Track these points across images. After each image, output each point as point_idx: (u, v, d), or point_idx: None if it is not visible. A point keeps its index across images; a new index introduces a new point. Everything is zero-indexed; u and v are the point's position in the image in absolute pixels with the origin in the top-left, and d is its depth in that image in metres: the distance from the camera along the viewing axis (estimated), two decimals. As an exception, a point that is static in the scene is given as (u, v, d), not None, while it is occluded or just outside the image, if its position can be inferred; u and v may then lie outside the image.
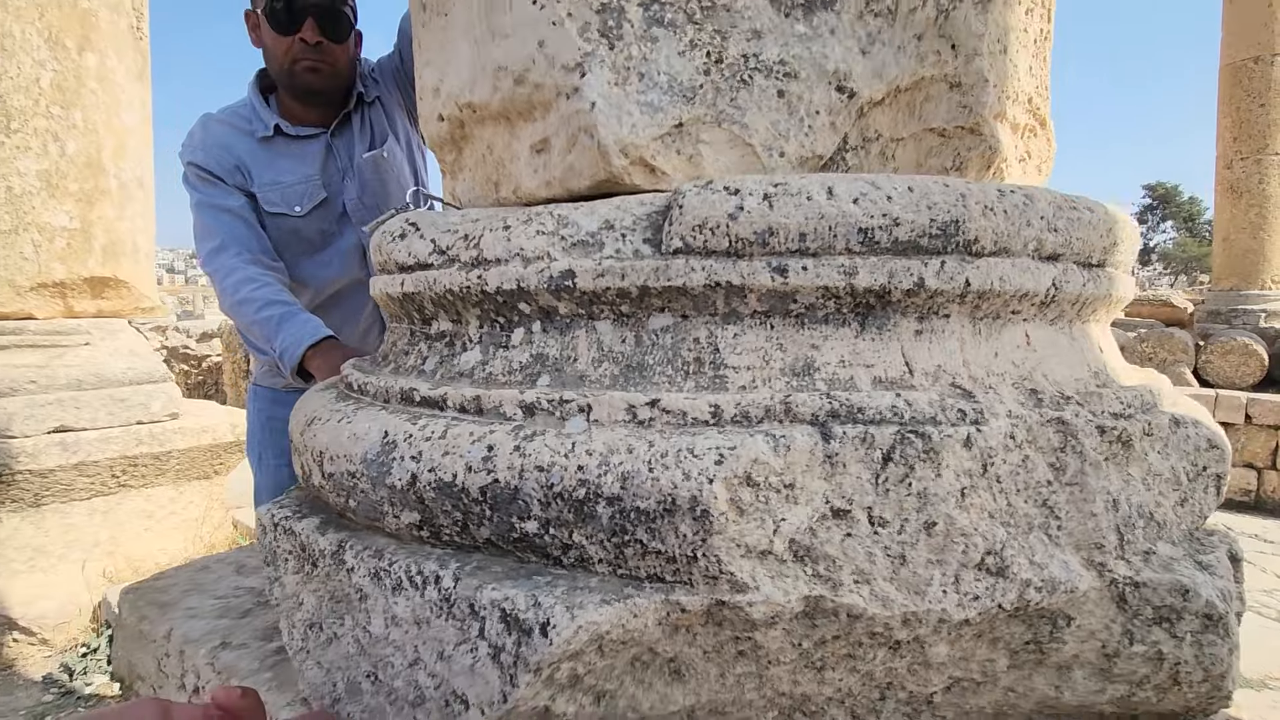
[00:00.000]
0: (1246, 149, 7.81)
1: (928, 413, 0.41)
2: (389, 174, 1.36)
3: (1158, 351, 6.76)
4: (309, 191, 1.29)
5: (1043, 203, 0.46)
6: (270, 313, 1.17)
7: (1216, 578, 0.43)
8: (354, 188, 1.33)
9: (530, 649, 0.36)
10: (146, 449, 2.43)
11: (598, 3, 0.50)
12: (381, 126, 1.38)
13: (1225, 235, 8.17)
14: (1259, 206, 7.78)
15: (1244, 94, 7.81)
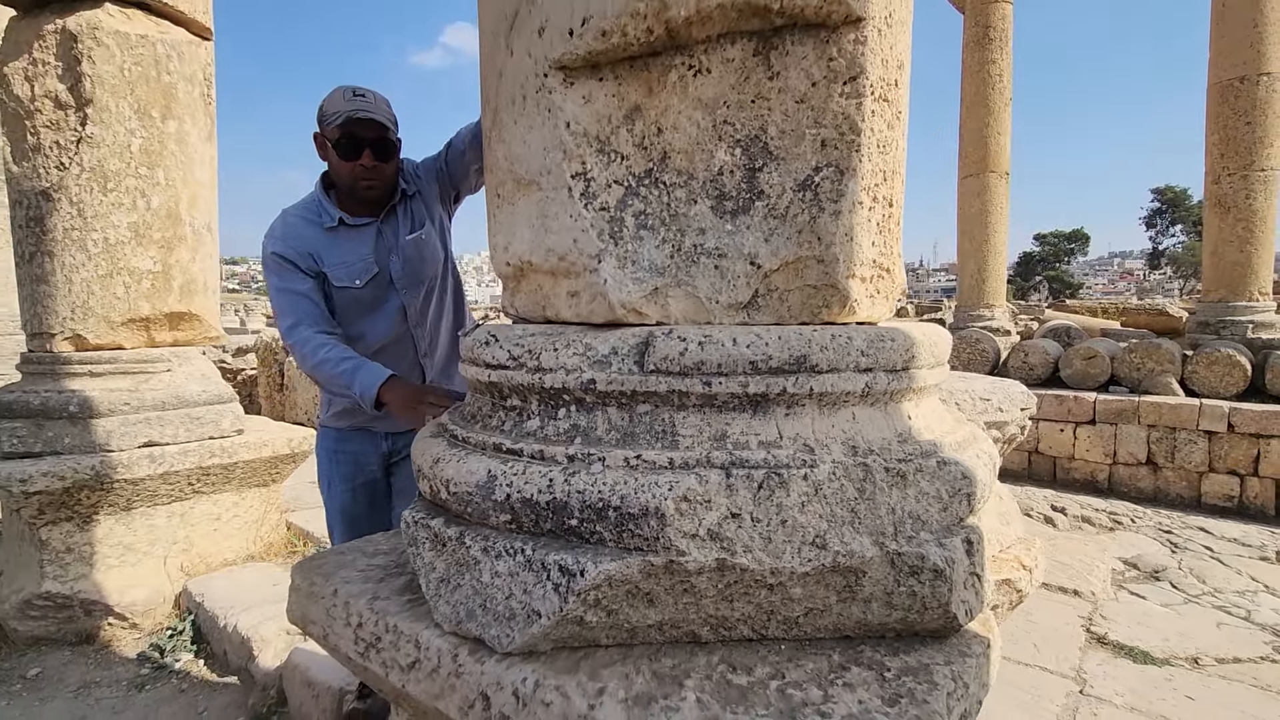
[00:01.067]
0: (1234, 165, 8.07)
1: (784, 460, 0.77)
2: (425, 250, 1.76)
3: (1145, 362, 7.05)
4: (366, 268, 1.67)
5: (860, 339, 0.83)
6: (344, 366, 1.52)
7: (946, 551, 0.78)
8: (398, 262, 1.71)
9: (575, 584, 0.73)
10: (217, 460, 2.81)
11: (608, 217, 0.87)
12: (421, 214, 1.76)
13: (1214, 249, 8.43)
14: (1246, 221, 8.03)
15: (1231, 112, 8.07)
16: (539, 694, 0.72)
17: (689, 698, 0.70)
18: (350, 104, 1.54)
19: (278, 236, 1.64)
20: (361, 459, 1.82)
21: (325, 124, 1.56)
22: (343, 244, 1.66)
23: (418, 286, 1.74)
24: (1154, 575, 4.63)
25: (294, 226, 1.65)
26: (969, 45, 9.93)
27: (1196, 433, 6.49)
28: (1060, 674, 1.95)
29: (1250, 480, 6.21)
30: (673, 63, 0.87)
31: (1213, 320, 8.03)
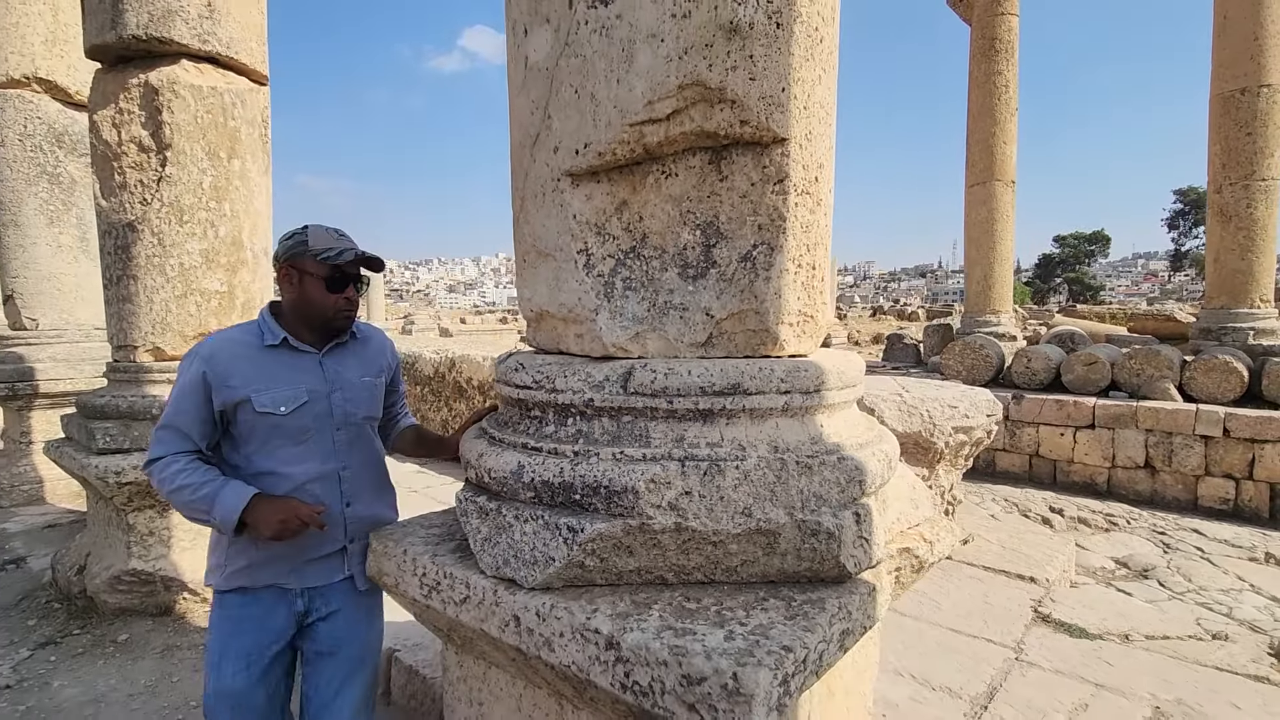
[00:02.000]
0: (1235, 175, 8.23)
1: (724, 455, 1.12)
2: (374, 396, 1.70)
3: (1144, 368, 7.25)
4: (295, 395, 1.53)
5: (780, 370, 1.17)
6: (205, 491, 1.42)
7: (838, 520, 1.12)
8: (341, 398, 1.61)
9: (577, 538, 1.08)
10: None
11: (603, 282, 1.22)
12: (376, 363, 1.72)
13: (1216, 256, 8.59)
14: (1247, 230, 8.19)
15: (1232, 123, 8.24)
16: (554, 612, 1.08)
17: (654, 614, 1.05)
18: (343, 241, 1.55)
19: (209, 344, 1.54)
20: (270, 625, 1.55)
21: (312, 258, 1.52)
22: (277, 367, 1.55)
23: (353, 427, 1.63)
24: (1143, 574, 4.89)
25: (225, 343, 1.54)
26: (975, 57, 10.16)
27: (1193, 437, 6.68)
28: (1002, 644, 2.26)
29: (1245, 484, 6.39)
30: (651, 169, 1.22)
31: (1214, 327, 8.20)
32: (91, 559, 3.08)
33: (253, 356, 1.54)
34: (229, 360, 1.51)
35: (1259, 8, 7.84)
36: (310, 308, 1.56)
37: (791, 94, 1.20)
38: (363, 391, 1.66)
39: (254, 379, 1.51)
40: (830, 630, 1.04)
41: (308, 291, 1.55)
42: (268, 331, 1.57)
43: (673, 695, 0.93)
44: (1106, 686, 2.02)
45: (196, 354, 1.52)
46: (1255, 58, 7.93)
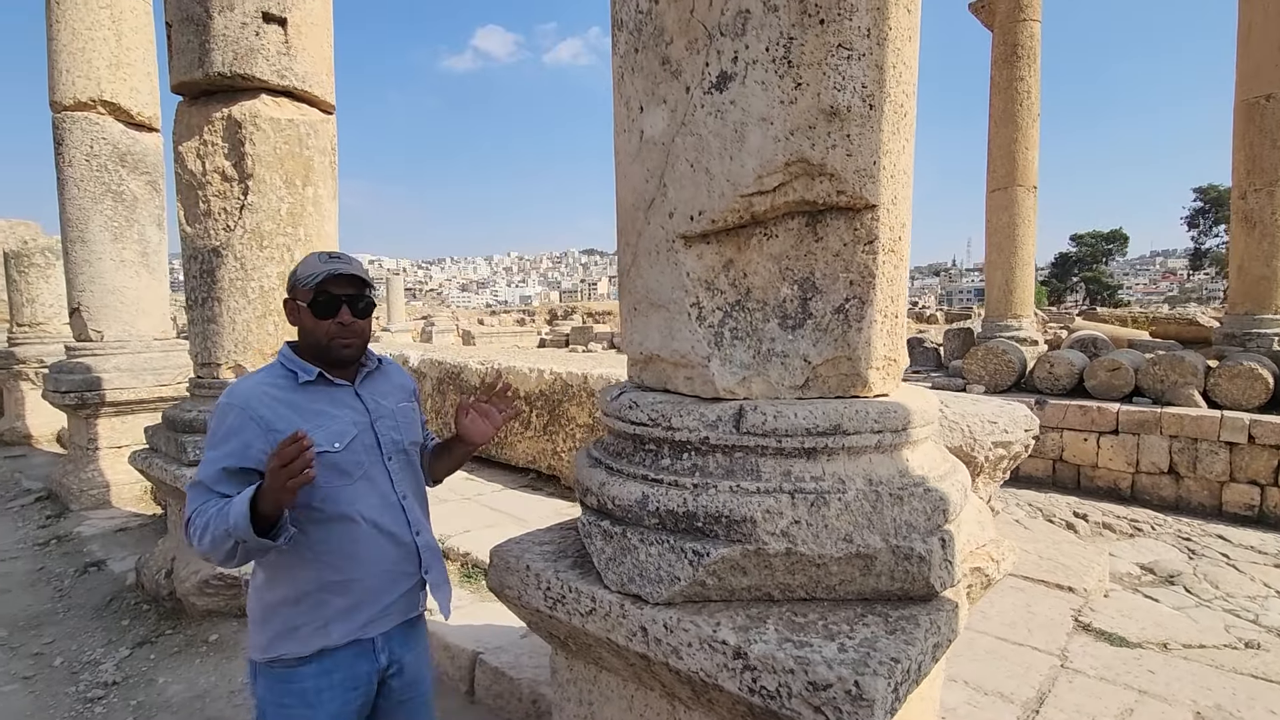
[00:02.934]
0: (1259, 181, 8.27)
1: (827, 488, 1.27)
2: (413, 419, 1.68)
3: (1168, 374, 7.31)
4: (343, 430, 1.48)
5: (874, 411, 1.33)
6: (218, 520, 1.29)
7: (927, 545, 1.27)
8: (388, 426, 1.58)
9: (702, 560, 1.25)
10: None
11: (713, 332, 1.38)
12: (404, 387, 1.70)
13: (1240, 263, 8.63)
14: (1271, 237, 8.23)
15: (1256, 130, 8.27)
16: (681, 624, 1.24)
17: (770, 628, 1.21)
18: (328, 264, 1.49)
19: (238, 395, 1.45)
20: (353, 691, 1.47)
21: (300, 286, 1.49)
22: (318, 403, 1.48)
23: (401, 454, 1.60)
24: (1168, 580, 4.99)
25: (258, 387, 1.46)
26: (997, 63, 10.23)
27: (1218, 444, 6.74)
28: (1048, 652, 2.40)
29: (1270, 490, 6.44)
30: (754, 231, 1.38)
31: (1238, 333, 8.25)
32: (178, 563, 3.28)
33: (291, 399, 1.46)
34: (269, 404, 1.43)
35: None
36: (309, 337, 1.51)
37: (881, 165, 1.35)
38: (403, 418, 1.63)
39: (300, 420, 1.43)
40: (926, 643, 1.20)
41: (304, 321, 1.50)
42: (299, 370, 1.50)
43: (800, 699, 1.09)
44: (1149, 693, 2.16)
45: (230, 404, 1.43)
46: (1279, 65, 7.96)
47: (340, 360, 1.52)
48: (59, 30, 4.85)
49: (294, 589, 1.44)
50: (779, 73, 1.28)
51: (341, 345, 1.50)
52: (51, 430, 7.22)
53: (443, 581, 1.63)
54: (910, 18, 1.39)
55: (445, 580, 1.64)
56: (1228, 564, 5.41)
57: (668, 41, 1.37)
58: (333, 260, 1.51)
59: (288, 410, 1.44)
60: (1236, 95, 8.32)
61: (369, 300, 1.55)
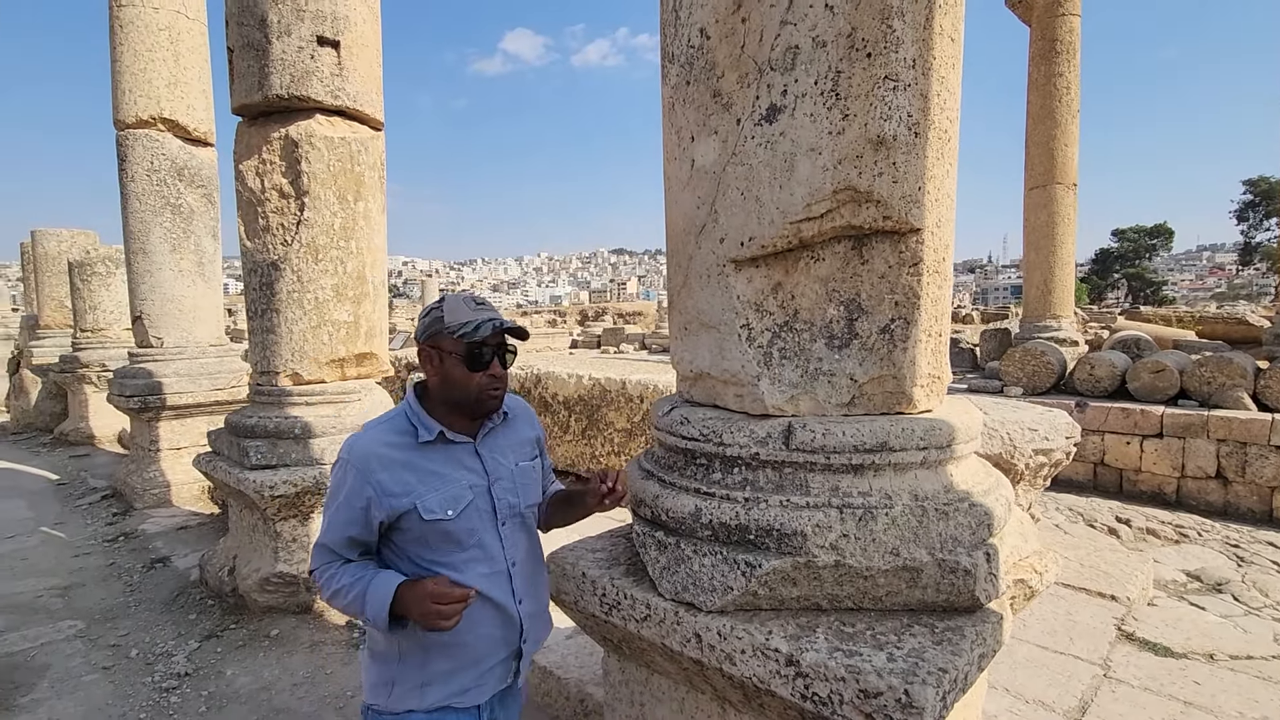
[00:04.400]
0: (1315, 176, 7.94)
1: (874, 504, 1.33)
2: (533, 479, 1.57)
3: (1215, 376, 7.13)
4: (458, 495, 1.41)
5: (919, 429, 1.38)
6: (354, 593, 1.34)
7: (972, 559, 1.32)
8: (505, 488, 1.49)
9: (755, 572, 1.31)
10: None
11: (763, 352, 1.45)
12: (527, 439, 1.60)
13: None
14: (1326, 233, 7.90)
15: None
16: (734, 632, 1.31)
17: (820, 637, 1.27)
18: (481, 312, 1.43)
19: (357, 453, 1.40)
20: None
21: (449, 335, 1.40)
22: (437, 465, 1.43)
23: (518, 518, 1.52)
24: (1216, 588, 4.88)
25: (377, 446, 1.41)
26: (1035, 59, 10.04)
27: (1268, 448, 6.56)
28: (1090, 661, 2.40)
29: (1326, 495, 6.25)
30: (801, 255, 1.44)
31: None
32: (239, 561, 3.46)
33: (410, 460, 1.41)
34: (387, 467, 1.38)
35: (1341, 4, 7.60)
36: (454, 389, 1.43)
37: (926, 190, 1.40)
38: (522, 478, 1.54)
39: (416, 484, 1.39)
40: (972, 654, 1.25)
41: (449, 372, 1.42)
42: (421, 427, 1.43)
43: (851, 705, 1.15)
44: (1194, 704, 2.16)
45: (349, 463, 1.40)
46: (1337, 55, 7.67)
47: (485, 412, 1.48)
48: (122, 52, 5.10)
49: (399, 644, 1.42)
50: (827, 105, 1.34)
51: (490, 396, 1.45)
52: (113, 431, 7.56)
53: (529, 658, 1.56)
54: (954, 46, 1.43)
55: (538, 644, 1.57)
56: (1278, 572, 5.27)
57: (719, 75, 1.44)
58: (481, 308, 1.44)
59: (405, 473, 1.39)
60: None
61: (513, 350, 1.49)
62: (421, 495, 1.38)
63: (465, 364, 1.41)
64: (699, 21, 1.47)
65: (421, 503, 1.38)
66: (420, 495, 1.38)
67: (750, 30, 1.39)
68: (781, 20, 1.35)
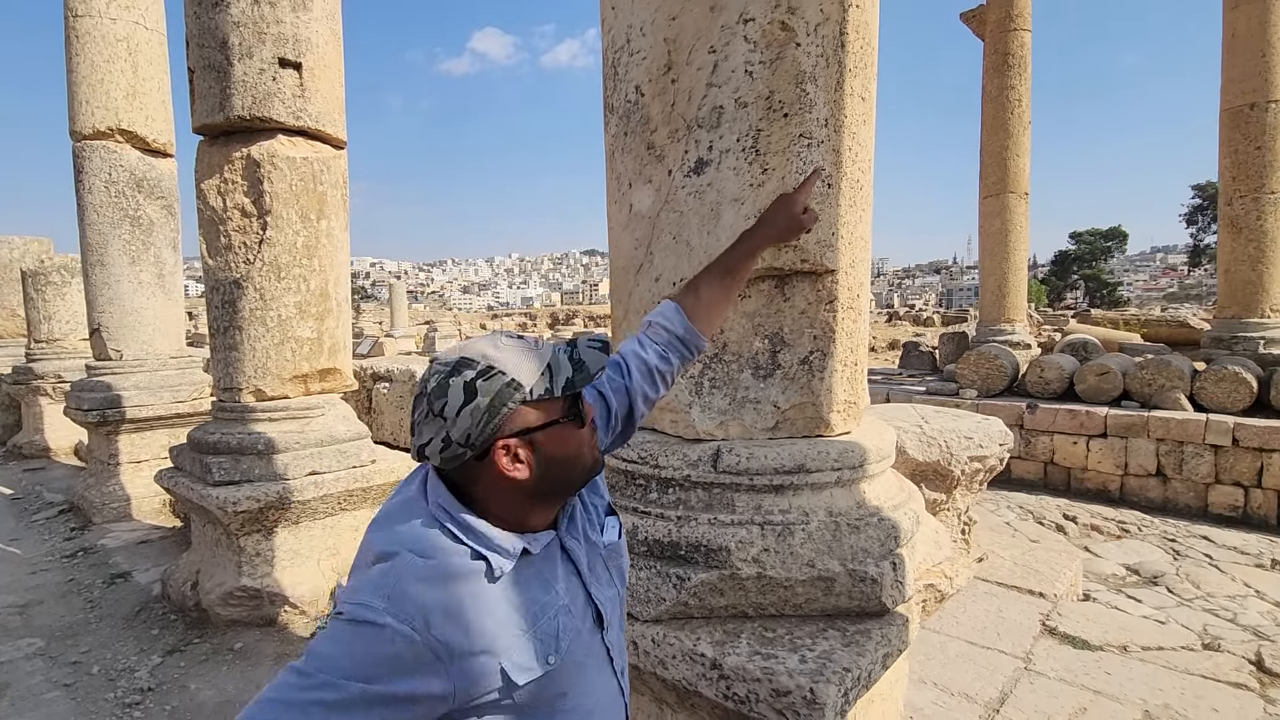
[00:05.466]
0: (1245, 188, 8.44)
1: (793, 520, 1.47)
2: (624, 556, 1.09)
3: (1155, 378, 7.48)
4: (558, 628, 0.92)
5: (834, 451, 1.53)
6: None
7: (879, 569, 1.47)
8: (606, 586, 1.03)
9: (685, 584, 1.45)
10: (359, 485, 3.60)
11: (695, 382, 1.58)
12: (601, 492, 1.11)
13: (1227, 267, 8.80)
14: (1257, 241, 8.40)
15: (1241, 137, 8.44)
16: (666, 639, 1.44)
17: (743, 642, 1.41)
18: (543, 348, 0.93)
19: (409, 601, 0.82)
20: None
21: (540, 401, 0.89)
22: (525, 596, 0.91)
23: (620, 607, 1.08)
24: (1152, 580, 5.17)
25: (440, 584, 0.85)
26: (989, 71, 10.41)
27: (1203, 446, 6.91)
28: (1013, 655, 2.59)
29: (1254, 491, 6.61)
30: (729, 293, 1.58)
31: (1226, 336, 8.43)
32: (203, 575, 3.49)
33: (485, 598, 0.87)
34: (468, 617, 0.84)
35: (1266, 26, 8.05)
36: (568, 469, 0.94)
37: (839, 235, 1.55)
38: (616, 558, 1.07)
39: (498, 632, 0.87)
40: (876, 654, 1.40)
41: (557, 451, 0.91)
42: (493, 548, 0.89)
43: (765, 704, 1.29)
44: (1103, 693, 2.35)
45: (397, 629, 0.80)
46: (1263, 74, 8.12)
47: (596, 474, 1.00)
48: (78, 63, 5.06)
49: None
50: (749, 160, 1.48)
51: (597, 457, 0.99)
52: (69, 443, 7.43)
53: None
54: (864, 105, 1.59)
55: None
56: (1210, 564, 5.58)
57: (652, 130, 1.57)
58: (524, 338, 0.94)
59: (485, 619, 0.86)
60: (1222, 102, 8.49)
61: None
62: (512, 647, 0.87)
63: (573, 422, 0.93)
64: (634, 79, 1.60)
65: (511, 660, 0.87)
66: (510, 648, 0.87)
67: (680, 90, 1.52)
68: (708, 83, 1.49)
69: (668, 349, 1.19)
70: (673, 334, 1.20)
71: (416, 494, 0.94)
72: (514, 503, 0.92)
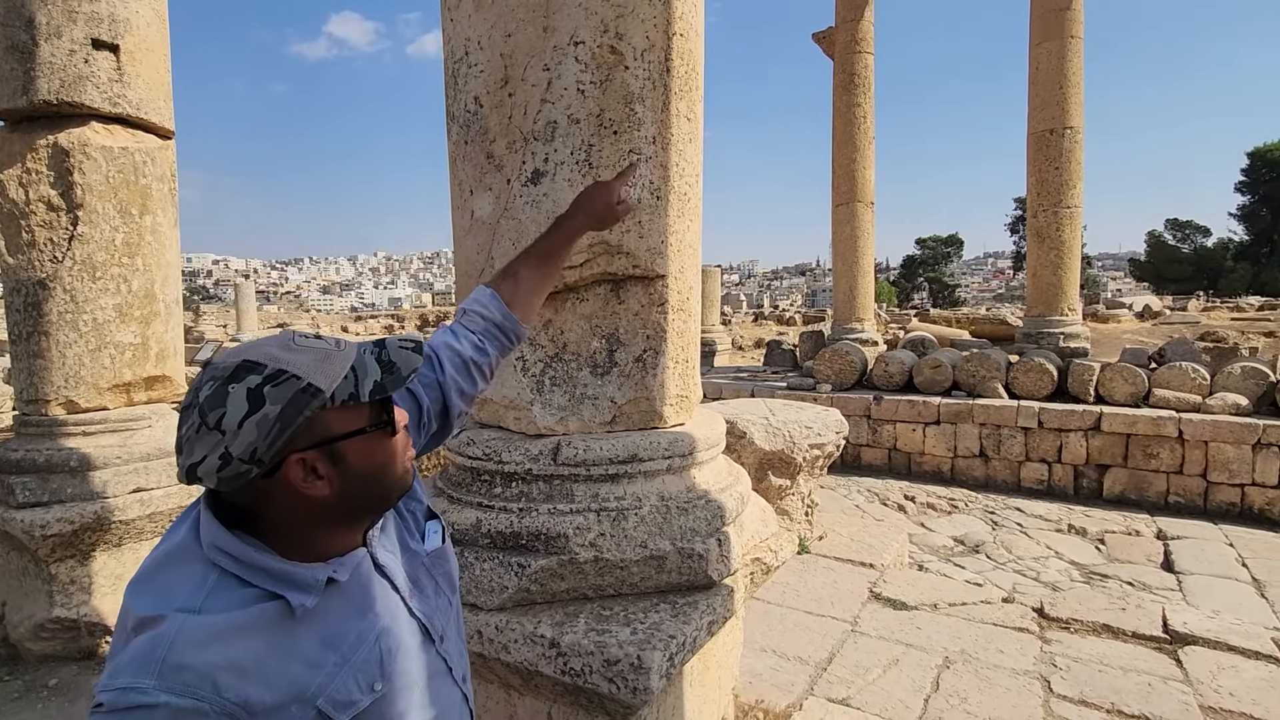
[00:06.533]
0: (1047, 202, 9.65)
1: (627, 505, 1.59)
2: (450, 552, 1.03)
3: (979, 370, 8.40)
4: (378, 653, 0.85)
5: (664, 441, 1.66)
6: None
7: (706, 546, 1.62)
8: (430, 598, 0.96)
9: (525, 571, 1.52)
10: (191, 499, 3.35)
11: (536, 381, 1.66)
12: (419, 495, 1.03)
13: (1034, 271, 10.02)
14: (1057, 249, 9.64)
15: (1044, 158, 9.64)
16: (509, 625, 1.51)
17: (581, 621, 1.51)
18: (346, 348, 0.83)
19: (192, 669, 0.70)
20: None
21: (340, 408, 0.78)
22: (332, 627, 0.82)
23: (453, 616, 1.02)
24: (975, 549, 5.85)
25: (224, 642, 0.73)
26: (837, 89, 11.28)
27: (1016, 429, 7.86)
28: (842, 620, 2.89)
29: (1055, 466, 7.63)
30: (569, 296, 1.68)
31: (1034, 332, 9.66)
32: (9, 608, 3.11)
33: (284, 643, 0.77)
34: (254, 671, 0.73)
35: (1063, 62, 9.28)
36: (374, 484, 0.85)
37: (669, 243, 1.69)
38: (441, 564, 1.00)
39: (307, 675, 0.77)
40: (701, 621, 1.54)
41: (361, 465, 0.81)
42: (289, 587, 0.78)
43: (598, 674, 1.39)
44: (914, 645, 2.69)
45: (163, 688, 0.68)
46: (1061, 104, 9.37)
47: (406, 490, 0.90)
48: None
49: None
50: (582, 172, 1.58)
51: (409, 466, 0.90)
52: None
53: None
54: (690, 125, 1.74)
55: None
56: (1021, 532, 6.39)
57: (491, 140, 1.64)
58: (322, 340, 0.83)
59: (289, 664, 0.76)
60: (1029, 127, 9.72)
61: None
62: (324, 686, 0.78)
63: (382, 430, 0.83)
64: (473, 90, 1.65)
65: (328, 699, 0.78)
66: (322, 688, 0.78)
67: (516, 104, 1.60)
68: (542, 99, 1.57)
69: (484, 337, 1.13)
70: (490, 321, 1.14)
71: (186, 539, 0.80)
72: (314, 525, 0.81)
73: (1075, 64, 9.32)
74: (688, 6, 1.69)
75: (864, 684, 2.40)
